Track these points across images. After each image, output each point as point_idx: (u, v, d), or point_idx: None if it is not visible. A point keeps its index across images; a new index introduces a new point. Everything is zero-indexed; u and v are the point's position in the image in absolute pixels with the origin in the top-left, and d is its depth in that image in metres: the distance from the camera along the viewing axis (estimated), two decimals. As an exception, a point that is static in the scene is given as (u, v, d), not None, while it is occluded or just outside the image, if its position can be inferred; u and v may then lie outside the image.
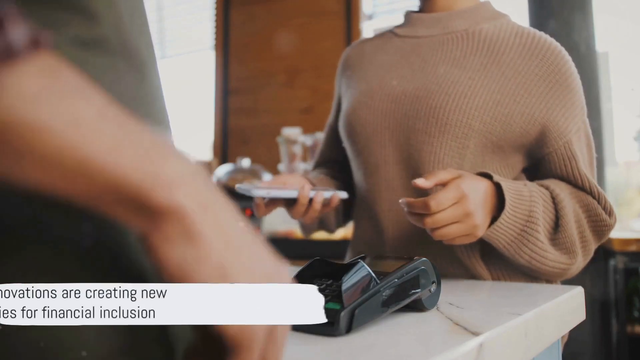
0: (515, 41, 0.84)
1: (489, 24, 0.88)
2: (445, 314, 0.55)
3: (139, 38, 0.38)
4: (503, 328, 0.49)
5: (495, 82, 0.82)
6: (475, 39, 0.87)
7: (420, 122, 0.83)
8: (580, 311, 0.71)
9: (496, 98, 0.81)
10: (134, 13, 0.38)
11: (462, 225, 0.70)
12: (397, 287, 0.51)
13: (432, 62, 0.87)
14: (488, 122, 0.81)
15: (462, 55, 0.86)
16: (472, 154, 0.82)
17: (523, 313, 0.55)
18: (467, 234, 0.71)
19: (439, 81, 0.84)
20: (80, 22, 0.33)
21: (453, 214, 0.69)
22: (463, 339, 0.44)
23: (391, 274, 0.52)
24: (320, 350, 0.42)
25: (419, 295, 0.54)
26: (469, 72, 0.84)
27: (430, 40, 0.90)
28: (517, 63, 0.83)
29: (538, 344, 0.58)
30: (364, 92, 0.91)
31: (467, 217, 0.69)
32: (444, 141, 0.82)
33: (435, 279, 0.56)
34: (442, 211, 0.68)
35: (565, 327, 0.67)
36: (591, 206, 0.81)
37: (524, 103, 0.81)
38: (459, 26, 0.88)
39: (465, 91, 0.82)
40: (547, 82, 0.82)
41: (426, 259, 0.55)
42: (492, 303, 0.62)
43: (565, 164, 0.82)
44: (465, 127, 0.81)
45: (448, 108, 0.81)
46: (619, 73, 2.49)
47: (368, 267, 0.51)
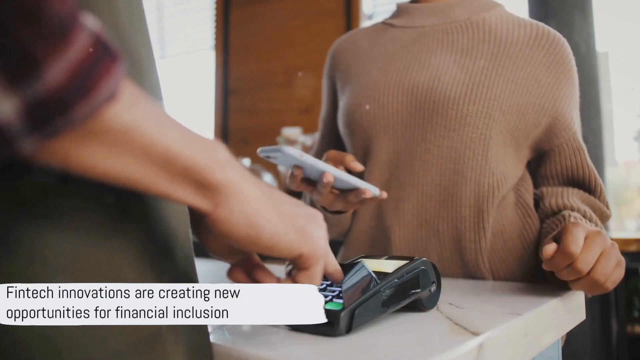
0: (520, 31, 0.83)
1: (489, 13, 0.87)
2: (445, 314, 0.55)
3: (137, 38, 0.38)
4: (503, 328, 0.49)
5: (508, 71, 0.81)
6: (480, 28, 0.85)
7: (439, 115, 0.80)
8: (580, 311, 0.71)
9: (511, 88, 0.80)
10: (132, 13, 0.38)
11: (608, 256, 0.62)
12: (397, 287, 0.51)
13: (439, 51, 0.84)
14: (507, 112, 0.79)
15: (471, 44, 0.83)
16: (495, 145, 0.79)
17: (523, 313, 0.55)
18: (618, 262, 0.64)
19: (452, 71, 0.81)
20: None
21: (596, 245, 0.61)
22: (463, 339, 0.44)
23: (391, 274, 0.52)
24: (320, 350, 0.42)
25: (419, 296, 0.54)
26: (481, 61, 0.81)
27: (432, 29, 0.87)
28: (525, 53, 0.82)
29: (538, 344, 0.58)
30: (366, 86, 0.87)
31: (605, 240, 0.63)
32: (465, 134, 0.79)
33: (435, 279, 0.56)
34: (585, 250, 0.60)
35: (565, 327, 0.67)
36: (597, 206, 0.83)
37: (535, 93, 0.81)
38: (460, 15, 0.86)
39: (482, 81, 0.79)
40: (554, 73, 0.82)
41: (426, 259, 0.55)
42: (492, 303, 0.62)
43: (575, 154, 0.82)
44: (486, 118, 0.78)
45: (467, 98, 0.79)
46: (619, 73, 2.49)
47: (368, 267, 0.51)
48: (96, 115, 0.26)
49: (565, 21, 1.97)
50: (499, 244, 0.82)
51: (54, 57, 0.24)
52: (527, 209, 0.84)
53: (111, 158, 0.28)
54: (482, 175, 0.80)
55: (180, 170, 0.30)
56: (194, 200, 0.32)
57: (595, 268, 0.61)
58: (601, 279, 0.62)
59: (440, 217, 0.81)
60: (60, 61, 0.24)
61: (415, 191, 0.82)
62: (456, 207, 0.81)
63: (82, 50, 0.25)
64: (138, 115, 0.28)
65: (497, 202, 0.81)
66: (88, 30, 0.26)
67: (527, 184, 0.87)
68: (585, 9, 2.01)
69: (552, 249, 0.61)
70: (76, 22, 0.25)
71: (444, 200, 0.81)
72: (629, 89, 2.52)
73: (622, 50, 2.51)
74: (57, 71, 0.24)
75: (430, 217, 0.82)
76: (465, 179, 0.80)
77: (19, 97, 0.23)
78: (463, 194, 0.80)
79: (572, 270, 0.61)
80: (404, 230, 0.83)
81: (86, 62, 0.25)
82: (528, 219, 0.84)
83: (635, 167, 2.58)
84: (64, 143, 0.26)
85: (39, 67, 0.23)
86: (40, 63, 0.23)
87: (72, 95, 0.25)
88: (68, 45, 0.24)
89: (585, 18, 2.00)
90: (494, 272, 0.82)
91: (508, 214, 0.83)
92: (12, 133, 0.24)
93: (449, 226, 0.81)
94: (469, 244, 0.80)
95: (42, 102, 0.24)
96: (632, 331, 1.90)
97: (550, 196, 0.84)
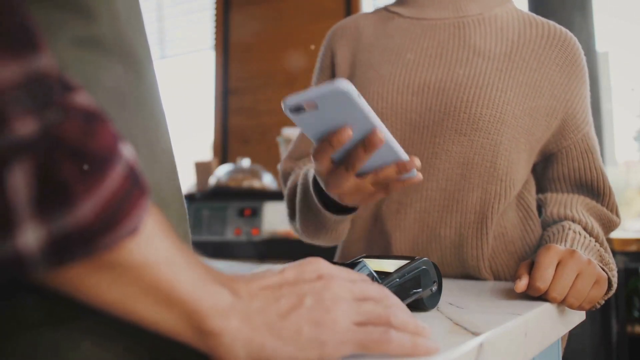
0: (533, 31, 0.81)
1: (500, 8, 0.83)
2: (445, 314, 0.55)
3: (135, 37, 0.38)
4: (503, 328, 0.49)
5: (522, 73, 0.78)
6: (493, 24, 0.81)
7: (450, 118, 0.76)
8: (580, 311, 0.71)
9: (524, 91, 0.77)
10: (130, 13, 0.38)
11: (584, 278, 0.61)
12: (398, 286, 0.52)
13: (450, 48, 0.80)
14: (519, 116, 0.76)
15: (483, 42, 0.80)
16: (506, 151, 0.76)
17: (523, 313, 0.55)
18: (596, 280, 0.63)
19: (465, 71, 0.78)
20: (78, 21, 0.33)
21: (569, 270, 0.61)
22: (463, 339, 0.44)
23: (393, 273, 0.52)
24: (320, 350, 0.42)
25: (420, 295, 0.54)
26: (495, 61, 0.78)
27: (443, 23, 0.82)
28: (538, 53, 0.79)
29: (538, 344, 0.58)
30: (374, 80, 0.82)
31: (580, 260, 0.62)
32: (475, 139, 0.76)
33: (437, 279, 0.56)
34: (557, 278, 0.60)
35: (565, 327, 0.67)
36: (603, 214, 0.81)
37: (548, 95, 0.79)
38: (472, 10, 0.82)
39: (496, 83, 0.76)
40: (567, 73, 0.80)
41: (427, 259, 0.55)
42: (492, 303, 0.62)
43: (584, 157, 0.80)
44: (498, 123, 0.75)
45: (481, 102, 0.75)
46: (619, 73, 2.49)
47: (369, 266, 0.51)
48: (114, 248, 0.26)
49: (565, 21, 1.97)
50: (500, 247, 0.81)
51: (89, 194, 0.24)
52: (528, 211, 0.84)
53: (117, 290, 0.28)
54: (490, 182, 0.77)
55: (182, 313, 0.31)
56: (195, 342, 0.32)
57: (571, 292, 0.61)
58: (575, 303, 0.62)
59: (443, 222, 0.79)
60: (94, 197, 0.24)
61: (418, 195, 0.79)
62: (460, 213, 0.78)
63: (116, 184, 0.25)
64: (152, 253, 0.29)
65: (503, 208, 0.79)
66: (124, 161, 0.26)
67: (530, 186, 0.86)
68: (585, 9, 2.01)
69: (522, 286, 0.61)
70: (115, 155, 0.25)
71: (447, 205, 0.79)
72: (629, 89, 2.52)
73: (622, 50, 2.51)
74: (90, 207, 0.24)
75: (432, 222, 0.80)
76: (472, 185, 0.77)
77: (45, 229, 0.23)
78: (468, 200, 0.78)
79: (548, 298, 0.61)
80: (404, 235, 0.81)
81: (117, 197, 0.25)
82: (530, 221, 0.84)
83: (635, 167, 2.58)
84: (75, 271, 0.26)
85: (73, 202, 0.23)
86: (75, 198, 0.23)
87: (98, 229, 0.25)
88: (104, 181, 0.24)
89: (585, 18, 2.00)
90: (495, 275, 0.82)
91: (510, 216, 0.82)
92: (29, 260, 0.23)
93: (452, 232, 0.79)
94: (471, 250, 0.79)
95: (67, 235, 0.24)
96: (632, 331, 1.90)
97: (553, 204, 0.82)
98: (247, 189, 2.25)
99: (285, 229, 2.15)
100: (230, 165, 2.41)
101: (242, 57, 2.97)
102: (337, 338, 0.35)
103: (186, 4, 3.23)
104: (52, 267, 0.24)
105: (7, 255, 0.23)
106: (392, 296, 0.41)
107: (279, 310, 0.34)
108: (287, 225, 2.18)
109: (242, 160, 2.39)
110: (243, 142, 2.92)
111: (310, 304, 0.35)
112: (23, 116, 0.22)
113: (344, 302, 0.36)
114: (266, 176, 2.33)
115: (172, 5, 3.26)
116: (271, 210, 2.18)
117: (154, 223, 0.29)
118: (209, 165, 2.48)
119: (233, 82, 2.99)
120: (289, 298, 0.35)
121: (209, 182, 2.36)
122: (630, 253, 1.84)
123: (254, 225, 2.13)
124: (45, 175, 0.23)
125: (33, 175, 0.23)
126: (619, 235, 1.89)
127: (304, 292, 0.36)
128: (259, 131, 2.86)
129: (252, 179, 2.28)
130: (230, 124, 2.98)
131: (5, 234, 0.22)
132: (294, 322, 0.34)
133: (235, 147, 2.94)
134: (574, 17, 1.97)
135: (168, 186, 0.39)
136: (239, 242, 2.11)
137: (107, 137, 0.25)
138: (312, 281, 0.37)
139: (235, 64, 2.99)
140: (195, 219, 2.25)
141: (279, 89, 2.83)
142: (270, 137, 2.63)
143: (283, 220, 2.24)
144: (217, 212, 2.23)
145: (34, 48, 0.24)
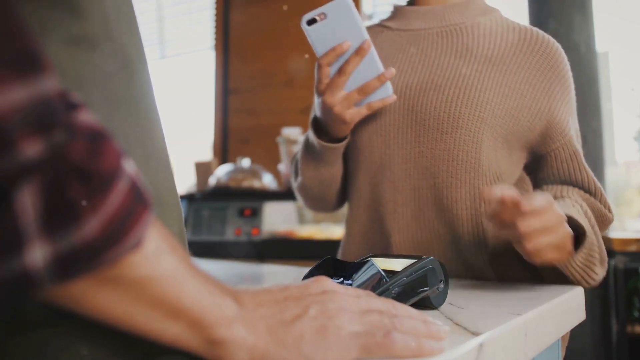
0: (515, 36, 0.84)
1: (484, 17, 0.87)
2: (445, 314, 0.55)
3: (127, 37, 0.39)
4: (503, 328, 0.49)
5: (502, 75, 0.81)
6: (475, 32, 0.86)
7: (431, 117, 0.81)
8: (580, 311, 0.71)
9: (504, 91, 0.80)
10: (120, 12, 0.38)
11: (554, 235, 0.62)
12: (406, 285, 0.52)
13: (433, 54, 0.85)
14: (499, 115, 0.80)
15: (465, 47, 0.84)
16: (487, 148, 0.80)
17: (523, 313, 0.55)
18: (559, 245, 0.64)
19: (445, 74, 0.82)
20: (70, 20, 0.33)
21: (546, 219, 0.61)
22: (463, 339, 0.44)
23: (400, 272, 0.52)
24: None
25: (427, 294, 0.55)
26: (475, 64, 0.82)
27: (427, 32, 0.88)
28: (519, 58, 0.82)
29: (538, 344, 0.58)
30: None
31: (560, 225, 0.63)
32: (457, 137, 0.80)
33: (443, 278, 0.56)
34: (535, 215, 0.60)
35: (565, 327, 0.67)
36: (596, 207, 0.82)
37: (529, 97, 0.81)
38: (456, 19, 0.87)
39: (475, 84, 0.80)
40: (548, 78, 0.82)
41: (434, 258, 0.55)
42: (492, 303, 0.62)
43: (572, 159, 0.82)
44: (478, 121, 0.79)
45: (460, 101, 0.79)
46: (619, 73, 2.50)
47: (377, 265, 0.52)
48: (119, 262, 0.27)
49: (565, 21, 1.97)
50: (501, 246, 0.82)
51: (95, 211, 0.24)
52: None
53: (123, 304, 0.28)
54: (476, 177, 0.80)
55: (188, 324, 0.31)
56: (201, 351, 0.33)
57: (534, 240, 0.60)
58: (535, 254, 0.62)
59: (438, 219, 0.82)
60: (99, 214, 0.25)
61: (412, 194, 0.82)
62: (452, 210, 0.81)
63: (120, 200, 0.26)
64: (157, 266, 0.29)
65: None
66: (127, 177, 0.26)
67: (527, 184, 0.88)
68: (585, 9, 2.01)
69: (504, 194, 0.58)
70: (119, 171, 0.26)
71: (440, 202, 0.81)
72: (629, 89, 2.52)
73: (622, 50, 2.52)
74: (95, 223, 0.24)
75: (428, 220, 0.82)
76: (460, 181, 0.80)
77: (52, 247, 0.23)
78: (458, 196, 0.80)
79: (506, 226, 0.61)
80: (404, 234, 0.83)
81: (121, 212, 0.26)
82: None
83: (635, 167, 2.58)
84: (80, 286, 0.27)
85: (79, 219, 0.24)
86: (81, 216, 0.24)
87: (103, 245, 0.25)
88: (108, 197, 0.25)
89: (585, 18, 2.00)
90: (498, 274, 0.82)
91: None
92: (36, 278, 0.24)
93: (448, 229, 0.81)
94: (468, 246, 0.81)
95: (73, 251, 0.24)
96: (632, 331, 1.90)
97: (549, 191, 0.84)
98: (247, 189, 2.25)
99: (285, 229, 2.15)
100: (230, 165, 2.41)
101: (242, 57, 2.97)
102: (340, 344, 0.35)
103: (186, 4, 3.23)
104: (57, 283, 0.25)
105: (15, 274, 0.23)
106: (399, 307, 0.41)
107: (283, 318, 0.35)
108: (287, 225, 2.19)
109: (242, 160, 2.39)
110: (243, 142, 2.92)
111: (314, 313, 0.35)
112: (30, 137, 0.23)
113: (348, 312, 0.37)
114: (266, 176, 2.33)
115: (172, 5, 3.27)
116: (271, 211, 2.18)
117: (157, 236, 0.29)
118: (209, 165, 2.48)
119: (233, 82, 2.99)
120: (293, 309, 0.35)
121: (209, 182, 2.36)
122: (630, 253, 1.84)
123: (254, 225, 2.13)
124: (53, 195, 0.23)
125: (40, 195, 0.23)
126: (619, 235, 1.89)
127: (308, 304, 0.36)
128: (259, 131, 2.86)
129: (252, 179, 2.28)
130: (230, 124, 2.98)
131: (13, 253, 0.23)
132: (298, 329, 0.34)
133: (235, 147, 2.94)
134: (573, 17, 1.97)
135: (162, 185, 0.40)
136: (239, 242, 2.11)
137: (111, 154, 0.26)
138: (317, 294, 0.37)
139: (235, 64, 2.99)
140: (195, 219, 2.25)
141: (279, 89, 2.83)
142: (270, 137, 2.63)
143: (283, 220, 2.24)
144: (217, 212, 2.23)
145: (39, 69, 0.24)
